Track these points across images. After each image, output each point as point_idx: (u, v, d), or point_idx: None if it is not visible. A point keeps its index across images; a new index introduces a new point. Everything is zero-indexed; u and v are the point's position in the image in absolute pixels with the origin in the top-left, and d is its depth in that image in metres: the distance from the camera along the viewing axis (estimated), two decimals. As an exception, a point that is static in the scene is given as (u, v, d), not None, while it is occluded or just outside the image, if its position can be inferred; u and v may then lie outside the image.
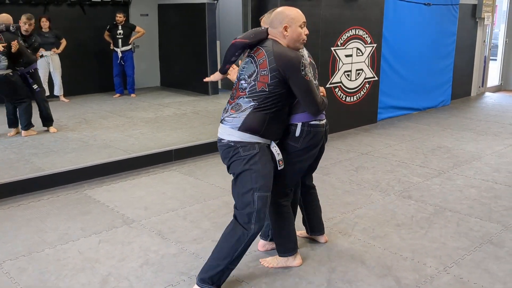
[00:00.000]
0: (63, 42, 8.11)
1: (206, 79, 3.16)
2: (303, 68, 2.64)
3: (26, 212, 3.95)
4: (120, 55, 8.53)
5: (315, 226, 3.36)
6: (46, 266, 3.11)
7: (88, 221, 3.78)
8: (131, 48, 8.70)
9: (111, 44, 8.57)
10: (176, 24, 9.31)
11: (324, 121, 2.93)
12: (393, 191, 4.45)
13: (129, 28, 8.59)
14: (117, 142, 5.63)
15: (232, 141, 2.70)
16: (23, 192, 4.31)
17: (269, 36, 2.76)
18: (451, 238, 3.51)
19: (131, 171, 4.94)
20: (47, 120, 6.21)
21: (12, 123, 6.01)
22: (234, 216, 2.78)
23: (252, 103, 2.67)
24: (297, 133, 2.84)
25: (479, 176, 4.86)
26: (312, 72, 2.86)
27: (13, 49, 5.60)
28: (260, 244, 3.30)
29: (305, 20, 2.75)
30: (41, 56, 7.94)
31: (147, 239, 3.49)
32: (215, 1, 8.69)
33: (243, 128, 2.67)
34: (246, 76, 2.70)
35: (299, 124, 2.83)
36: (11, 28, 5.74)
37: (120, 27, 8.47)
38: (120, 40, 8.50)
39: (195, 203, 4.16)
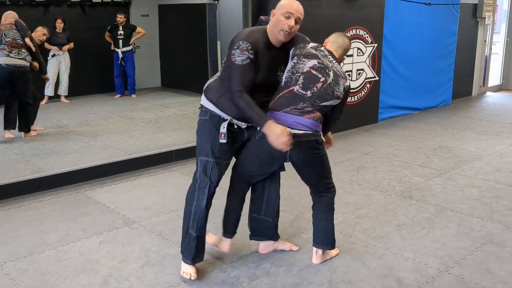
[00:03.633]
0: (71, 44, 8.18)
1: None
2: (236, 47, 2.65)
3: (27, 213, 3.95)
4: (120, 55, 8.53)
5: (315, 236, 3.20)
6: (46, 267, 3.11)
7: (88, 222, 3.78)
8: (131, 49, 8.70)
9: (112, 45, 8.58)
10: (177, 25, 9.31)
11: (286, 129, 2.66)
12: (394, 191, 4.44)
13: (130, 29, 8.59)
14: (117, 143, 5.63)
15: (200, 104, 2.94)
16: (24, 193, 4.30)
17: None
18: (452, 238, 3.50)
19: (132, 172, 4.94)
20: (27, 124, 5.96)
21: (11, 123, 5.88)
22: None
23: (219, 73, 2.87)
24: None
25: (481, 176, 4.85)
26: (302, 81, 2.77)
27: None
28: (260, 247, 3.29)
29: (292, 12, 2.67)
30: (53, 55, 8.00)
31: (148, 240, 3.48)
32: (216, 2, 8.69)
33: (204, 91, 2.90)
34: None
35: None
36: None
37: (120, 28, 8.47)
38: (120, 41, 8.50)
39: (196, 203, 4.14)
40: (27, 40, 5.66)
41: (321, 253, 3.14)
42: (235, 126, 2.86)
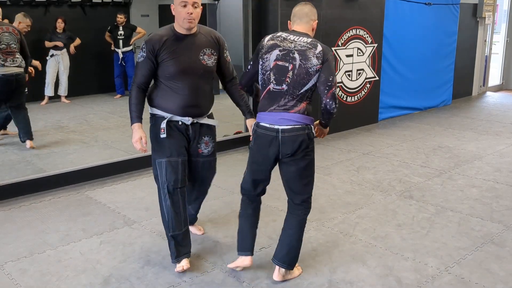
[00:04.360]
0: (77, 40, 8.25)
1: None
2: (143, 47, 2.87)
3: (28, 213, 3.95)
4: (121, 56, 8.55)
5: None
6: (47, 268, 3.11)
7: (89, 222, 3.78)
8: (132, 49, 8.71)
9: (112, 45, 8.60)
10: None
11: (274, 126, 2.73)
12: (394, 191, 4.45)
13: (130, 29, 8.62)
14: (118, 143, 5.63)
15: (149, 113, 3.05)
16: (24, 193, 4.31)
17: None
18: (452, 238, 3.51)
19: (132, 172, 4.94)
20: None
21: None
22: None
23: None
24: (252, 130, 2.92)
25: (481, 175, 4.86)
26: (274, 77, 2.74)
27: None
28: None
29: (187, 0, 2.78)
30: (52, 55, 8.01)
31: (148, 240, 3.49)
32: (216, 2, 8.69)
33: (147, 99, 3.00)
34: None
35: (255, 123, 2.87)
36: None
37: (121, 28, 8.49)
38: (121, 41, 8.52)
39: (196, 203, 4.14)
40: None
41: (283, 271, 2.92)
42: (180, 123, 2.99)
